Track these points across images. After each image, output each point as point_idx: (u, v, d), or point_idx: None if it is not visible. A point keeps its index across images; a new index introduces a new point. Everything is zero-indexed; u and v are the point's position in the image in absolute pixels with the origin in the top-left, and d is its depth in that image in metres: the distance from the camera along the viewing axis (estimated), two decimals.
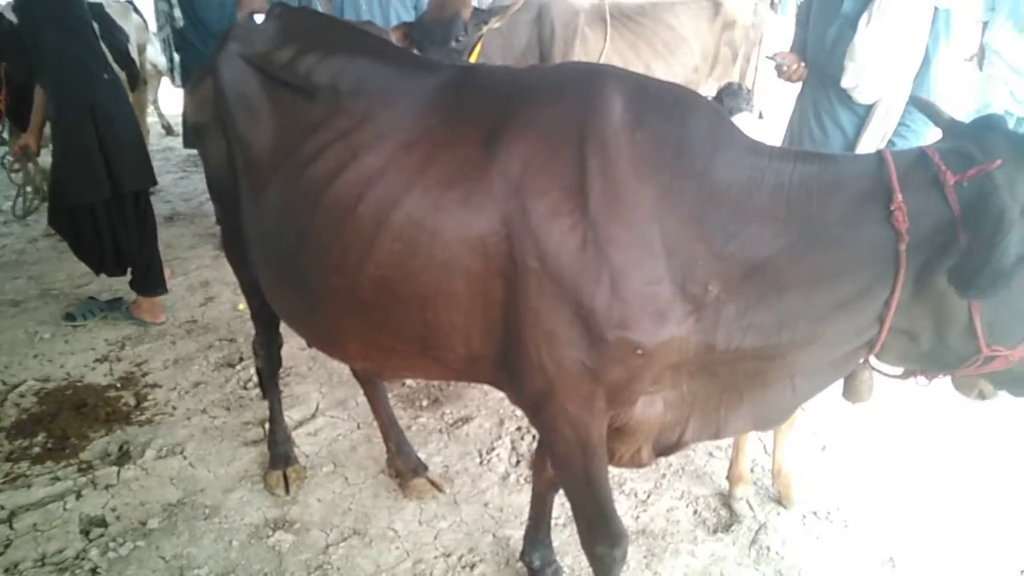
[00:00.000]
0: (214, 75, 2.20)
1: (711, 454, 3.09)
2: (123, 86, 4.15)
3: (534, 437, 3.18)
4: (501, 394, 3.42)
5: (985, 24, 4.91)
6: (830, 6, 2.92)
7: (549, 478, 2.33)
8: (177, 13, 4.45)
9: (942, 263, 1.55)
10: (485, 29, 3.16)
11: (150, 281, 4.26)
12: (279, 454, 2.98)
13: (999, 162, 1.49)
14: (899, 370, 1.82)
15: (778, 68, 3.12)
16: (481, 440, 3.25)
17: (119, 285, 4.67)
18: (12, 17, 4.31)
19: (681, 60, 4.28)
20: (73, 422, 3.32)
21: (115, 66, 4.12)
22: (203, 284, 4.87)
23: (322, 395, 3.59)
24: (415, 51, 3.04)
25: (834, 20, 2.89)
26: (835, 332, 1.68)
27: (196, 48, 4.89)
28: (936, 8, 2.73)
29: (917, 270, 1.58)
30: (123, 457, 3.11)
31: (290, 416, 3.33)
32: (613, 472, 2.89)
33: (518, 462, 3.10)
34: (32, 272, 5.11)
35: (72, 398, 3.52)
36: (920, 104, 1.84)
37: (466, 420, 3.38)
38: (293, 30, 2.19)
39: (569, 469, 1.91)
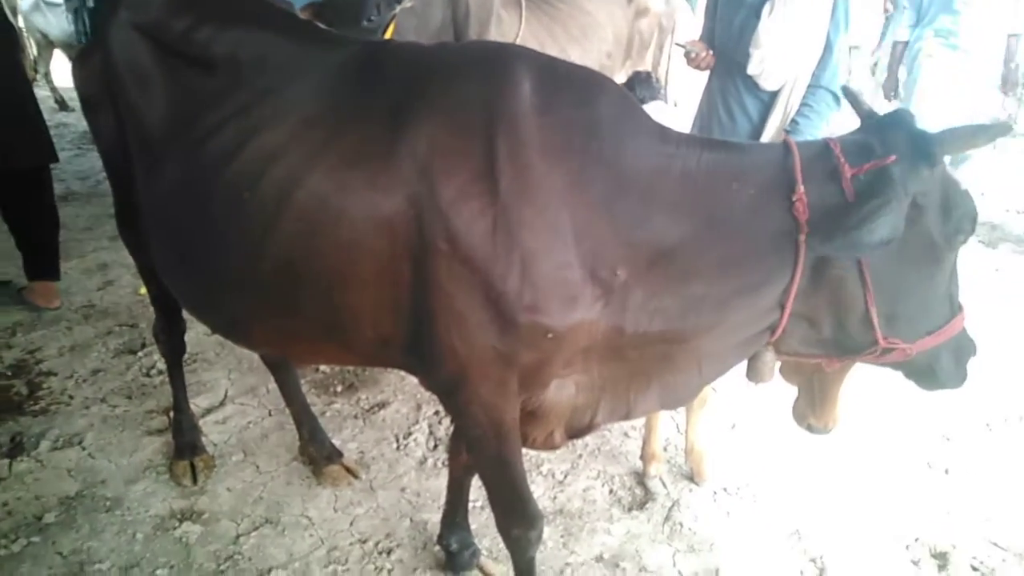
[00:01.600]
0: (103, 44, 2.07)
1: (626, 434, 3.16)
2: (14, 51, 3.86)
3: (452, 421, 3.17)
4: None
5: (888, 19, 5.12)
6: None
7: (465, 462, 2.33)
8: None
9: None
10: (398, 8, 3.10)
11: (46, 265, 4.02)
12: (185, 443, 2.87)
13: (893, 158, 1.56)
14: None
15: (687, 56, 3.18)
16: (398, 425, 3.21)
17: (6, 268, 4.41)
18: None
19: (596, 46, 4.31)
20: None
21: None
22: (101, 267, 4.64)
23: (231, 382, 3.48)
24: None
25: (740, 9, 2.97)
26: (739, 317, 1.73)
27: None
28: None
29: (815, 258, 1.64)
30: (15, 449, 2.94)
31: (197, 404, 3.22)
32: (531, 454, 2.92)
33: (435, 446, 3.08)
34: None
35: None
36: (848, 94, 1.88)
37: (382, 405, 3.34)
38: None
39: (483, 453, 1.90)
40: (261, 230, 1.76)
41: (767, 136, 3.02)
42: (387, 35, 3.09)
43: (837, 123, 3.01)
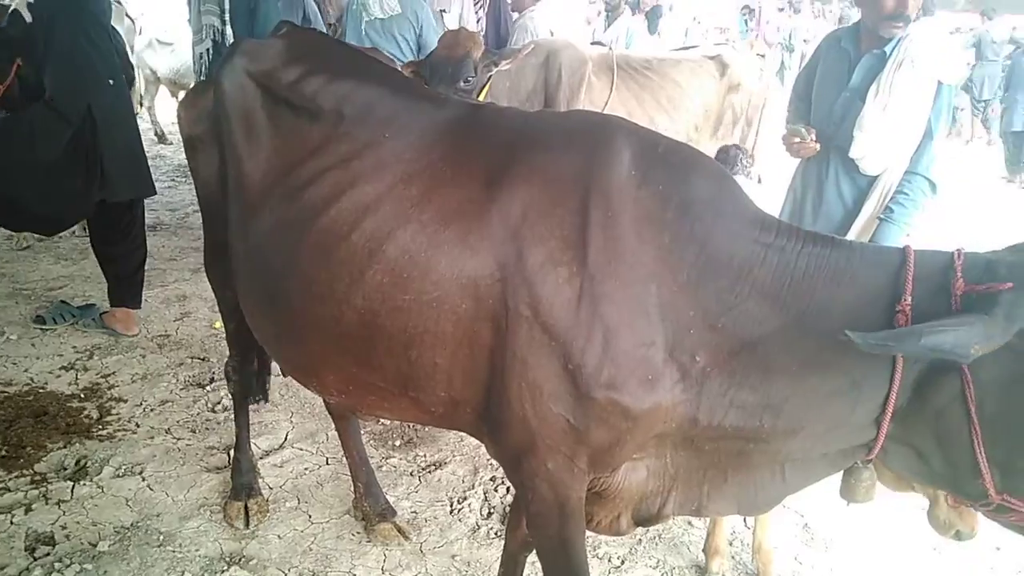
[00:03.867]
0: (217, 88, 2.14)
1: (690, 523, 3.01)
2: (127, 93, 4.06)
3: (508, 490, 3.08)
4: (477, 441, 3.36)
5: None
6: (836, 79, 2.95)
7: (523, 537, 2.24)
8: (228, 31, 4.36)
9: (944, 374, 1.46)
10: (495, 71, 3.15)
11: (129, 293, 4.15)
12: (242, 484, 2.86)
13: (1010, 285, 1.39)
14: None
15: (790, 139, 3.01)
16: (453, 488, 3.14)
17: (92, 291, 4.57)
18: (27, 15, 4.25)
19: (684, 117, 4.30)
20: (31, 430, 3.19)
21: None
22: (180, 298, 4.76)
23: (292, 425, 3.48)
24: None
25: (841, 93, 2.91)
26: (826, 426, 1.60)
27: None
28: (940, 83, 2.78)
29: (916, 378, 1.50)
30: (79, 472, 2.98)
31: (257, 445, 3.22)
32: (588, 535, 2.80)
33: (490, 514, 2.99)
34: (4, 270, 5.00)
35: (32, 405, 3.39)
36: None
37: (439, 465, 3.28)
38: (301, 50, 2.14)
39: (545, 530, 1.83)
40: (349, 279, 1.76)
41: (861, 221, 2.92)
42: (481, 96, 3.13)
43: (931, 211, 2.92)
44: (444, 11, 5.01)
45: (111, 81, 3.81)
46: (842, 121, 2.88)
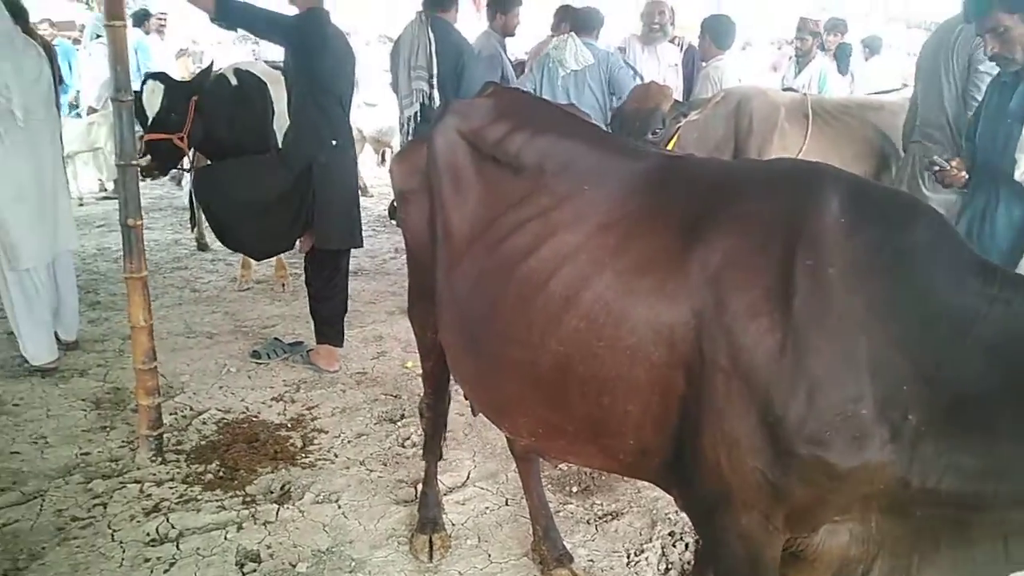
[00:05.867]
0: (430, 145, 2.30)
1: None
2: (352, 154, 4.47)
3: (687, 546, 2.99)
4: (655, 493, 3.30)
5: None
6: (998, 111, 2.95)
7: None
8: (436, 94, 4.73)
9: None
10: (684, 121, 3.16)
11: (332, 333, 4.50)
12: (428, 518, 2.98)
13: None
14: None
15: (940, 171, 3.07)
16: (630, 539, 3.09)
17: (301, 329, 4.98)
18: (233, 80, 4.86)
19: (885, 163, 4.07)
20: (244, 455, 3.51)
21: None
22: (376, 338, 5.08)
23: (474, 464, 3.59)
24: None
25: (1003, 120, 2.90)
26: None
27: None
28: None
29: None
30: (284, 496, 3.23)
31: (441, 481, 3.33)
32: None
33: (667, 570, 2.91)
34: (228, 308, 5.56)
35: (247, 432, 3.73)
36: None
37: (616, 515, 3.24)
38: (506, 109, 2.27)
39: None
40: (546, 325, 1.83)
41: None
42: (670, 146, 3.15)
43: None
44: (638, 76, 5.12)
45: (334, 142, 4.18)
46: (1005, 148, 2.85)
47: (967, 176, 3.05)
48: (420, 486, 3.11)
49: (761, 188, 1.74)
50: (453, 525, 3.11)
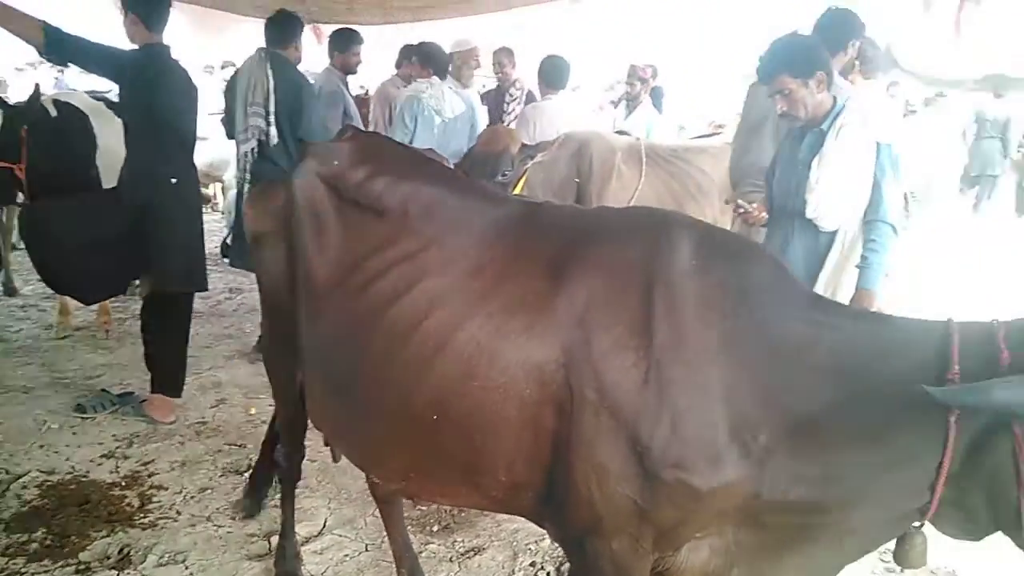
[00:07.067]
0: (288, 187, 2.26)
1: None
2: (194, 191, 4.27)
3: (548, 575, 3.06)
4: (515, 525, 3.36)
5: None
6: (791, 159, 3.31)
7: None
8: (273, 131, 4.59)
9: (994, 439, 1.53)
10: (531, 163, 3.29)
11: (169, 382, 4.23)
12: (285, 571, 2.87)
13: None
14: None
15: (745, 213, 3.40)
16: (493, 573, 3.12)
17: (130, 379, 4.65)
18: (52, 111, 4.57)
19: (712, 203, 4.42)
20: (75, 519, 3.21)
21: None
22: (215, 385, 4.83)
23: (330, 511, 3.48)
24: None
25: (796, 168, 3.25)
26: (883, 494, 1.67)
27: (272, 164, 4.74)
28: (878, 143, 3.15)
29: (967, 443, 1.56)
30: (123, 561, 2.99)
31: (297, 532, 3.22)
32: None
33: None
34: (45, 359, 5.09)
35: (76, 493, 3.42)
36: None
37: (478, 550, 3.26)
38: (366, 152, 2.28)
39: None
40: (418, 368, 1.84)
41: (827, 271, 3.26)
42: (518, 186, 3.26)
43: (898, 252, 3.32)
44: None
45: (173, 180, 3.99)
46: (797, 190, 3.22)
47: (766, 216, 3.40)
48: (275, 539, 2.98)
49: (621, 234, 1.87)
50: None
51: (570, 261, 1.80)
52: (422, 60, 5.33)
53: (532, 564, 3.17)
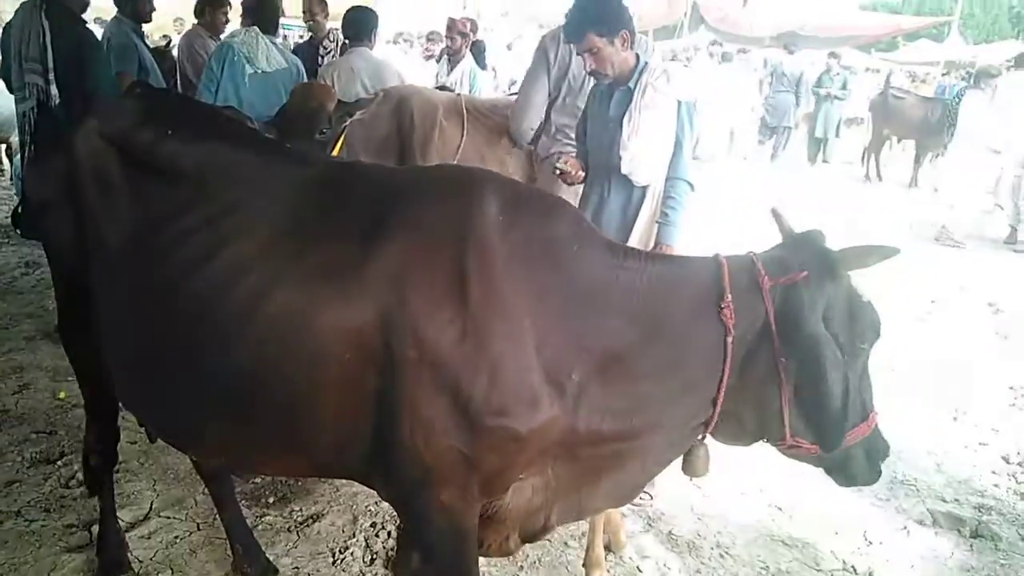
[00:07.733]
0: (69, 150, 2.07)
1: (566, 544, 3.14)
2: None
3: (389, 534, 3.09)
4: (354, 488, 3.35)
5: None
6: (601, 117, 3.43)
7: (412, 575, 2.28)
8: (54, 89, 4.11)
9: (760, 352, 1.81)
10: (349, 121, 3.21)
11: None
12: (111, 560, 2.72)
13: (805, 273, 1.78)
14: None
15: (563, 174, 3.50)
16: (333, 539, 3.11)
17: None
18: None
19: (529, 157, 4.48)
20: None
21: None
22: (16, 369, 4.41)
23: (156, 493, 3.32)
24: None
25: (607, 127, 3.38)
26: (681, 414, 1.88)
27: (58, 125, 4.24)
28: (679, 101, 3.30)
29: (741, 359, 1.81)
30: None
31: (121, 518, 3.04)
32: None
33: (372, 560, 2.99)
34: None
35: None
36: (774, 214, 2.07)
37: (316, 517, 3.24)
38: (157, 110, 2.14)
39: (442, 560, 1.91)
40: (229, 338, 1.78)
41: (641, 224, 3.40)
42: (338, 146, 3.18)
43: (696, 207, 3.47)
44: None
45: None
46: (611, 147, 3.34)
47: (584, 173, 3.53)
48: (96, 528, 2.81)
49: (430, 194, 1.89)
50: (140, 562, 2.86)
51: (381, 222, 1.79)
52: (256, 21, 4.93)
53: (372, 525, 3.19)
